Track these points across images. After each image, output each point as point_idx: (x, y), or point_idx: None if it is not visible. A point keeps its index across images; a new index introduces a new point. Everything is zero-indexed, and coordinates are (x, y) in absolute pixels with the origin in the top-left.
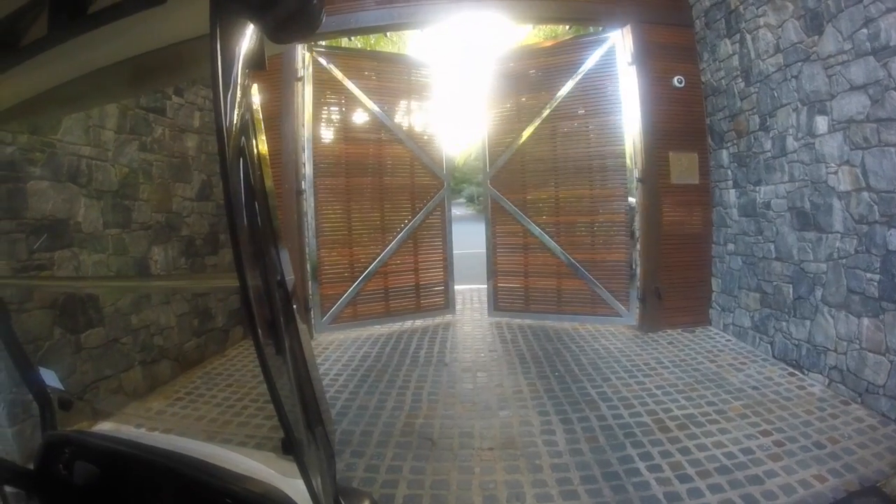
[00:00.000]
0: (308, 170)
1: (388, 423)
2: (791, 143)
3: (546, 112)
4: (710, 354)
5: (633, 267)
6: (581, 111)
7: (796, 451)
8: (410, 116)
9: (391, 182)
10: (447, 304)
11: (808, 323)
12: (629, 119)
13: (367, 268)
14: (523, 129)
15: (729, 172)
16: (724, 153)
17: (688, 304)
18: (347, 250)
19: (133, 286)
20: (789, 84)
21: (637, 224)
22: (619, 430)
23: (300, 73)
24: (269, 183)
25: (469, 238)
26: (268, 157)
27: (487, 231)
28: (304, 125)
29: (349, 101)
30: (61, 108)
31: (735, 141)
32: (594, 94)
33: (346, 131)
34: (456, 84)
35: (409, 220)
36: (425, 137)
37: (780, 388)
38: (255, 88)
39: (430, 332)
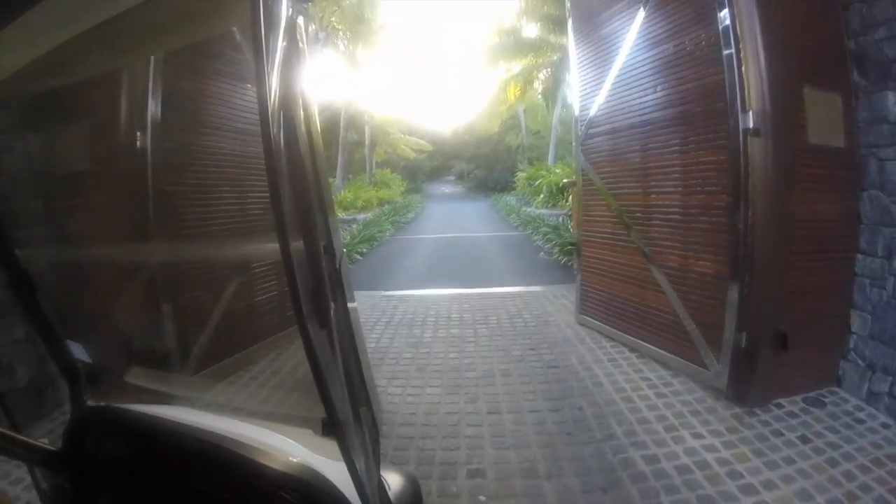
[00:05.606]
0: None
1: None
2: None
3: (631, 39)
4: (874, 462)
5: (738, 289)
6: (667, 25)
7: None
8: None
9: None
10: None
11: None
12: (737, 30)
13: None
14: (606, 76)
15: None
16: (891, 98)
17: (808, 354)
18: None
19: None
20: None
21: (747, 213)
22: None
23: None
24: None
25: (462, 222)
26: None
27: (578, 214)
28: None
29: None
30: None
31: None
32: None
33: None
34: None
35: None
36: None
37: None
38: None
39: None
